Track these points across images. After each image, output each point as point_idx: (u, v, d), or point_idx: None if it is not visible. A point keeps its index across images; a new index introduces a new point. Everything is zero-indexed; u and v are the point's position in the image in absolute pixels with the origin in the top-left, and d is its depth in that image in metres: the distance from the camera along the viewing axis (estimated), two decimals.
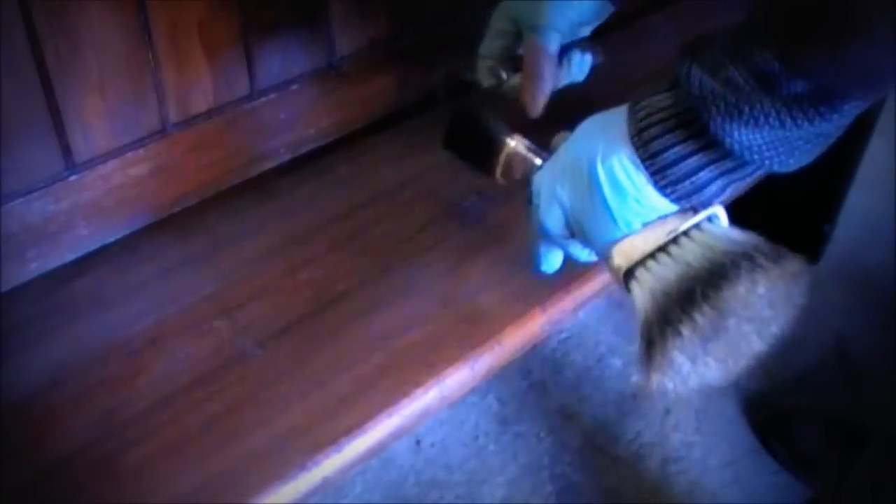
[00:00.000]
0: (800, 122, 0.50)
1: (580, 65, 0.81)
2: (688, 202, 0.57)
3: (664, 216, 0.58)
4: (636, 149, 0.56)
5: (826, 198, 1.56)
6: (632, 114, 0.57)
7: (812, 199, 1.52)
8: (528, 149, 0.70)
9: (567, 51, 0.79)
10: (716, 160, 0.55)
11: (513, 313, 0.74)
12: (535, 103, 0.79)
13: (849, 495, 1.14)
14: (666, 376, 0.55)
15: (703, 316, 0.52)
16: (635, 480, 1.36)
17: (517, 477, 1.35)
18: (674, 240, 0.57)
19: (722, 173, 0.55)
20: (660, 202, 0.57)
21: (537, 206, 0.65)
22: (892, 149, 1.81)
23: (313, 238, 0.82)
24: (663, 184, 0.56)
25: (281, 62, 0.86)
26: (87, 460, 0.63)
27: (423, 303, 0.75)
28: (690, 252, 0.56)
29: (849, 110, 0.51)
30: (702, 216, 0.58)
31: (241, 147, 0.87)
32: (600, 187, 0.58)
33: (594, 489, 1.34)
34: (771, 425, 1.41)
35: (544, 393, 1.47)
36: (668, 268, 0.56)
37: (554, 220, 0.64)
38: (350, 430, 0.65)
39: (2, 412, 0.66)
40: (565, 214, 0.63)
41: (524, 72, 0.79)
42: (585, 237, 0.62)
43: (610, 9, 0.80)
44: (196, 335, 0.72)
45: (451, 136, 0.76)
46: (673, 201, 0.57)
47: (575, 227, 0.63)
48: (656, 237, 0.57)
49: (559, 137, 0.66)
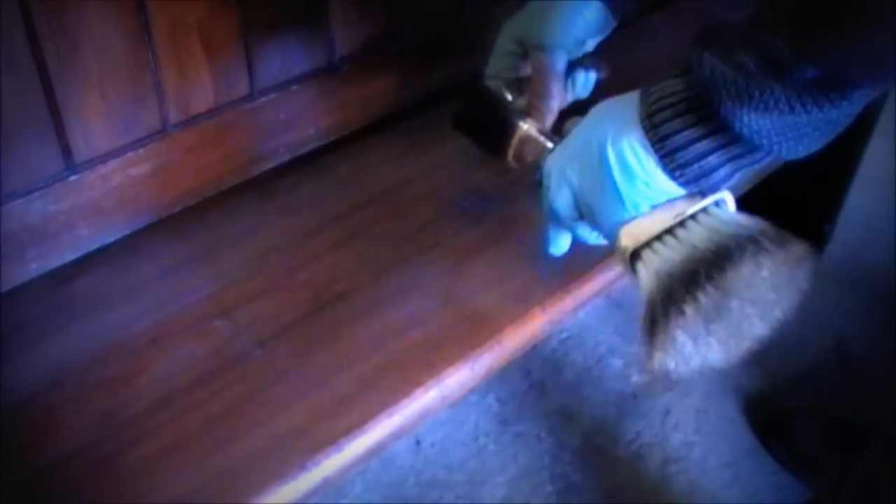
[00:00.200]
0: (809, 108, 0.51)
1: (585, 83, 0.81)
2: (696, 186, 0.58)
3: (672, 200, 0.58)
4: (646, 132, 0.57)
5: (826, 198, 1.55)
6: (643, 98, 0.58)
7: (812, 199, 1.52)
8: (540, 132, 0.71)
9: (571, 70, 0.80)
10: (725, 145, 0.55)
11: (513, 313, 0.74)
12: (543, 122, 0.79)
13: (848, 495, 1.14)
14: (668, 355, 0.55)
15: (706, 296, 0.53)
16: (635, 480, 1.36)
17: (517, 477, 1.35)
18: (681, 223, 0.57)
19: (730, 158, 0.56)
20: (668, 185, 0.58)
21: (547, 188, 0.66)
22: (892, 149, 1.81)
23: (313, 238, 0.82)
24: (672, 167, 0.56)
25: (281, 62, 0.86)
26: (87, 460, 0.63)
27: (423, 303, 0.75)
28: (696, 235, 0.56)
29: (858, 98, 0.51)
30: (709, 200, 0.58)
31: (241, 147, 0.87)
32: (610, 169, 0.59)
33: (594, 489, 1.34)
34: (771, 425, 1.41)
35: (544, 393, 1.47)
36: (674, 250, 0.56)
37: (563, 201, 0.64)
38: (350, 430, 0.65)
39: (2, 412, 0.66)
40: (574, 196, 0.63)
41: (532, 90, 0.79)
42: (594, 219, 0.62)
43: (613, 23, 0.80)
44: (196, 335, 0.72)
45: (464, 117, 0.76)
46: (681, 185, 0.57)
47: (584, 209, 0.63)
48: (663, 220, 0.58)
49: (571, 122, 0.67)
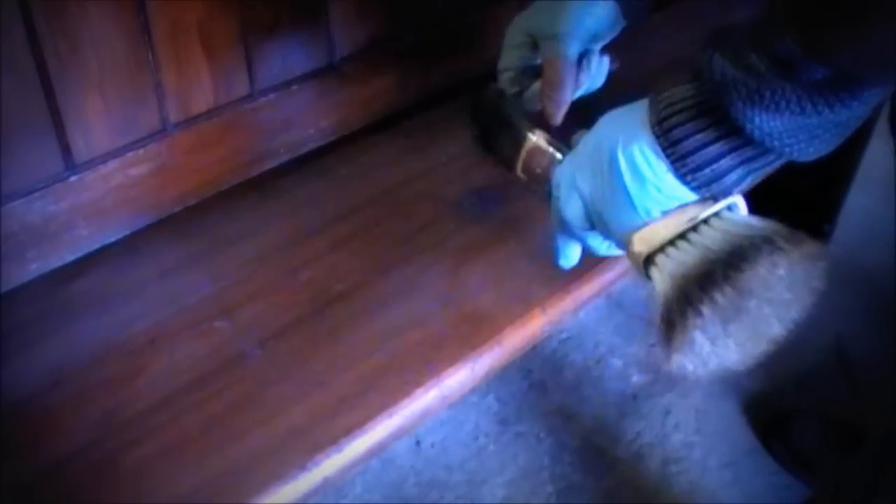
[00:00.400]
0: (820, 109, 0.51)
1: (599, 67, 0.81)
2: (708, 190, 0.57)
3: (684, 204, 0.58)
4: (657, 137, 0.56)
5: (826, 198, 1.55)
6: (653, 104, 0.58)
7: (812, 199, 1.52)
8: (549, 143, 0.71)
9: (583, 57, 0.79)
10: (736, 148, 0.55)
11: (513, 313, 0.74)
12: (556, 111, 0.79)
13: (846, 495, 1.14)
14: (686, 357, 0.54)
15: (723, 296, 0.52)
16: (635, 481, 1.36)
17: (517, 477, 1.35)
18: (693, 227, 0.57)
19: (742, 161, 0.56)
20: (680, 190, 0.57)
21: (557, 199, 0.66)
22: (891, 150, 1.81)
23: (313, 238, 0.82)
24: (683, 171, 0.56)
25: (281, 62, 0.86)
26: (87, 461, 0.63)
27: (423, 303, 0.75)
28: (710, 238, 0.56)
29: (868, 98, 0.51)
30: (722, 205, 0.58)
31: (242, 147, 0.87)
32: (621, 175, 0.58)
33: (594, 489, 1.34)
34: (771, 425, 1.41)
35: (544, 393, 1.47)
36: (688, 253, 0.56)
37: (573, 210, 0.64)
38: (350, 430, 0.65)
39: (2, 412, 0.66)
40: (585, 205, 0.63)
41: (544, 79, 0.79)
42: (605, 226, 0.62)
43: (623, 23, 0.80)
44: (196, 335, 0.72)
45: (479, 131, 0.77)
46: (693, 189, 0.57)
47: (594, 217, 0.63)
48: (676, 224, 0.58)
49: (578, 135, 0.67)
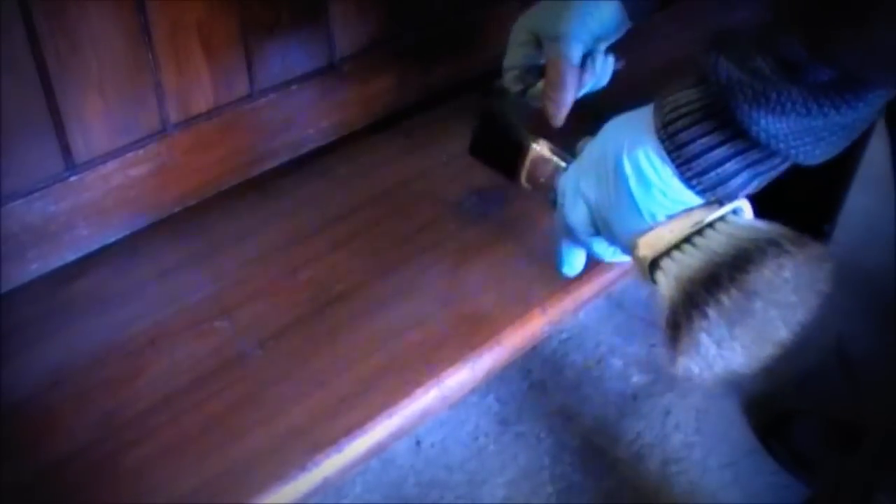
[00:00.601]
0: (826, 110, 0.50)
1: (604, 67, 0.80)
2: (713, 194, 0.57)
3: (690, 208, 0.58)
4: (662, 141, 0.56)
5: (826, 198, 1.55)
6: (657, 109, 0.57)
7: (812, 199, 1.52)
8: (552, 152, 0.71)
9: (588, 57, 0.79)
10: (742, 151, 0.55)
11: (513, 313, 0.74)
12: (557, 112, 0.79)
13: (845, 495, 1.14)
14: (692, 360, 0.54)
15: (729, 298, 0.52)
16: (635, 481, 1.36)
17: (517, 477, 1.35)
18: (699, 232, 0.57)
19: (748, 165, 0.55)
20: (685, 194, 0.57)
21: (562, 206, 0.65)
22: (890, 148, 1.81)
23: (313, 238, 0.82)
24: (689, 175, 0.56)
25: (281, 62, 0.86)
26: (87, 461, 0.63)
27: (423, 303, 0.75)
28: (716, 241, 0.56)
29: (873, 99, 0.51)
30: (727, 209, 0.58)
31: (241, 147, 0.87)
32: (626, 180, 0.58)
33: (594, 490, 1.34)
34: (771, 425, 1.41)
35: (544, 393, 1.47)
36: (694, 257, 0.56)
37: (579, 216, 0.64)
38: (350, 430, 0.65)
39: (2, 412, 0.66)
40: (590, 210, 0.63)
41: (547, 81, 0.78)
42: (610, 231, 0.62)
43: (628, 24, 0.80)
44: (196, 335, 0.72)
45: (476, 141, 0.76)
46: (698, 193, 0.57)
47: (600, 223, 0.63)
48: (682, 228, 0.58)
49: (583, 143, 0.67)
